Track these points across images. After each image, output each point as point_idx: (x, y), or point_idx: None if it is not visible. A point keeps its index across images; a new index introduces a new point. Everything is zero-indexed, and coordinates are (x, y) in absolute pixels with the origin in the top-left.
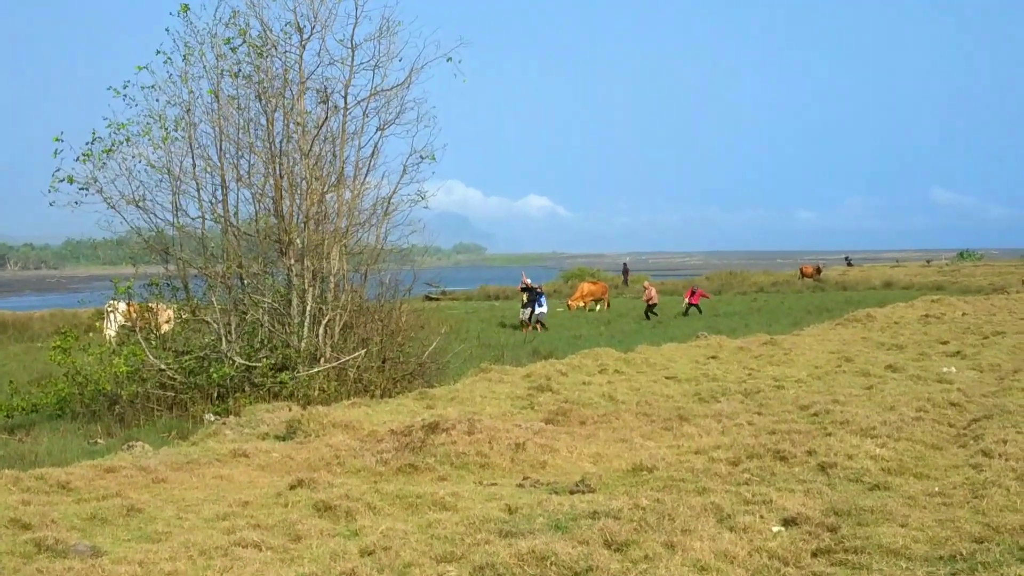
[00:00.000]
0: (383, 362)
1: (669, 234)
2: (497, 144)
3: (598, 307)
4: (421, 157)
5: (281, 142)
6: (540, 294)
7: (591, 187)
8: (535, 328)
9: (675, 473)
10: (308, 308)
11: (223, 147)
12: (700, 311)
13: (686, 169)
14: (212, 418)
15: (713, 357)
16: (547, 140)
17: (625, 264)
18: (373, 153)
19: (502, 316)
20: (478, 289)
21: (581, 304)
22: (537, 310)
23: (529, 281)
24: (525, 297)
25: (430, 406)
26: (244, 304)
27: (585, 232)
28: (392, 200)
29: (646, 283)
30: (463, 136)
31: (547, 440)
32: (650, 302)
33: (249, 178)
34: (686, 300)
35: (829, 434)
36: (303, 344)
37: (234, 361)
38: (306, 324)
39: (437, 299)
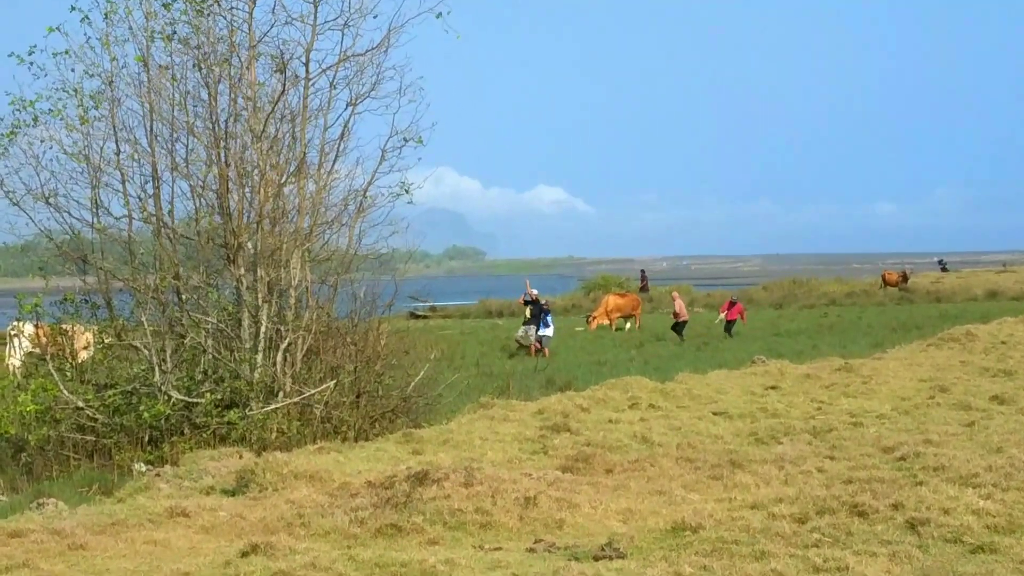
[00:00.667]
0: (357, 396)
1: (713, 234)
2: (499, 124)
3: (628, 325)
4: (404, 139)
5: (227, 121)
6: (546, 311)
7: (615, 176)
8: (540, 352)
9: (726, 533)
10: (263, 329)
11: (154, 128)
12: (730, 333)
13: (732, 155)
14: (143, 468)
15: (773, 387)
16: (561, 119)
17: (643, 271)
18: (343, 134)
19: (507, 337)
20: (477, 304)
21: (606, 322)
22: (542, 331)
23: (535, 292)
24: (528, 312)
25: (417, 451)
26: (182, 325)
27: (609, 232)
28: (368, 193)
29: (674, 294)
30: (457, 113)
31: (565, 493)
32: (679, 318)
33: (187, 167)
34: (722, 314)
35: (920, 483)
36: (256, 374)
37: (170, 397)
38: (260, 349)
39: (425, 316)
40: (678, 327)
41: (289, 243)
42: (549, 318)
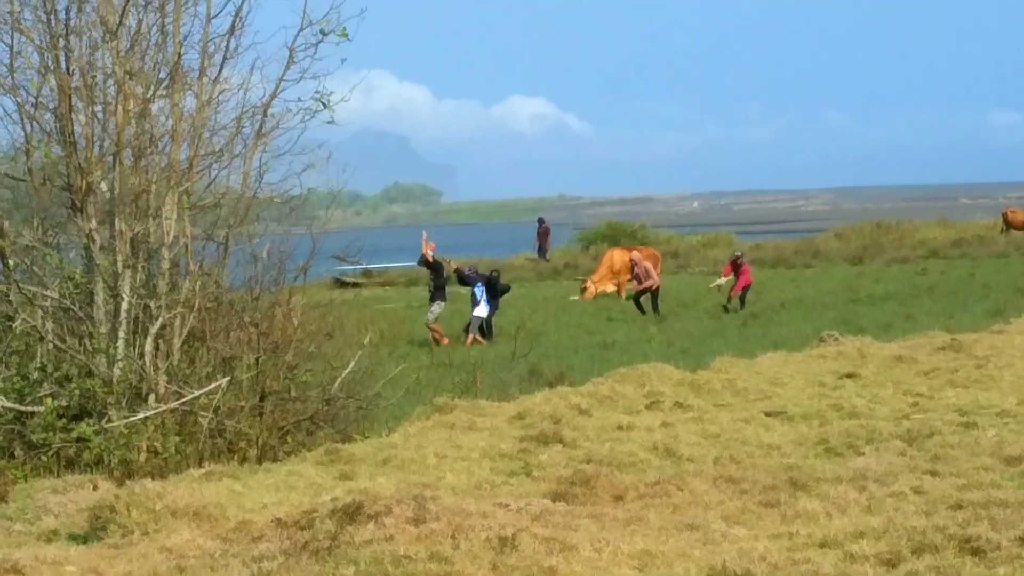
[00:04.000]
0: (261, 399)
1: (761, 160)
2: (455, 8)
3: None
4: (321, 32)
5: (68, 10)
6: (478, 279)
7: (620, 81)
8: (478, 338)
9: None
10: (124, 307)
11: None
12: (741, 304)
13: (782, 45)
14: None
15: (850, 375)
16: (548, 1)
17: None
18: (233, 27)
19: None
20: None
21: (611, 288)
22: (473, 310)
23: (432, 251)
24: (432, 281)
25: (346, 475)
26: (9, 303)
27: (614, 159)
28: (270, 111)
29: (633, 254)
30: None
31: (556, 530)
32: (643, 286)
33: (11, 77)
34: (721, 279)
35: None
36: (117, 371)
37: None
38: (121, 335)
39: (357, 284)
40: (641, 296)
41: (160, 183)
42: (482, 290)
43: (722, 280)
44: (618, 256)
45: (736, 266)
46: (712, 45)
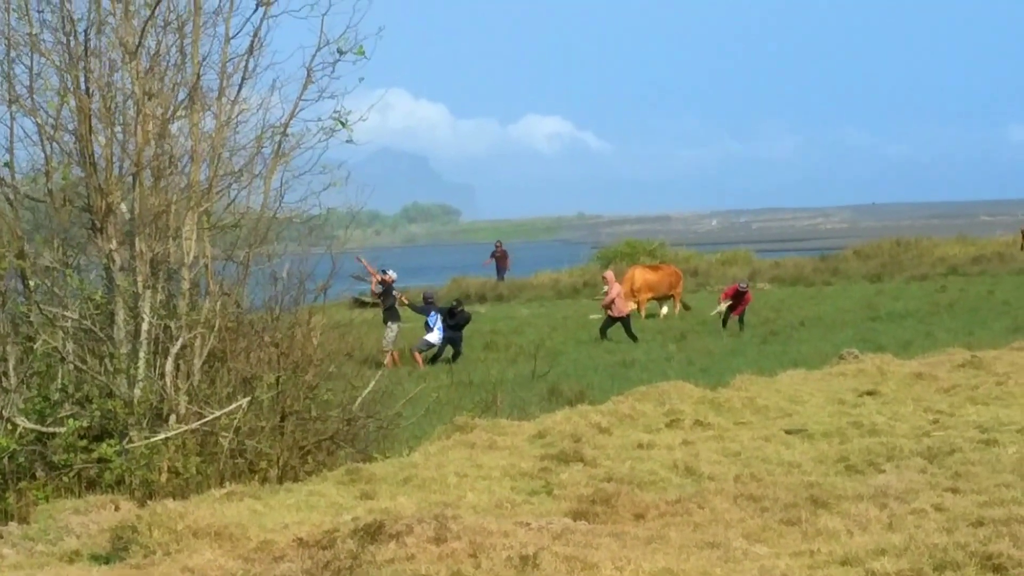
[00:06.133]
0: (282, 419)
1: (781, 177)
2: (471, 26)
3: (663, 310)
4: (339, 52)
5: (88, 32)
6: (431, 308)
7: (637, 99)
8: (416, 357)
9: None
10: (145, 327)
11: None
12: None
13: (802, 62)
14: None
15: (871, 393)
16: (559, 17)
17: (498, 245)
18: (252, 47)
19: (491, 331)
20: (448, 283)
21: (633, 306)
22: (426, 336)
23: (390, 275)
24: (382, 303)
25: (367, 494)
26: (30, 323)
27: (633, 177)
28: (289, 130)
29: (607, 274)
30: (411, 13)
31: (577, 549)
32: (613, 313)
33: (32, 99)
34: (721, 304)
35: None
36: (137, 391)
37: (15, 425)
38: (142, 356)
39: (376, 304)
40: (610, 323)
41: (180, 203)
42: (435, 318)
43: (722, 307)
44: (639, 274)
45: (739, 294)
46: (730, 63)
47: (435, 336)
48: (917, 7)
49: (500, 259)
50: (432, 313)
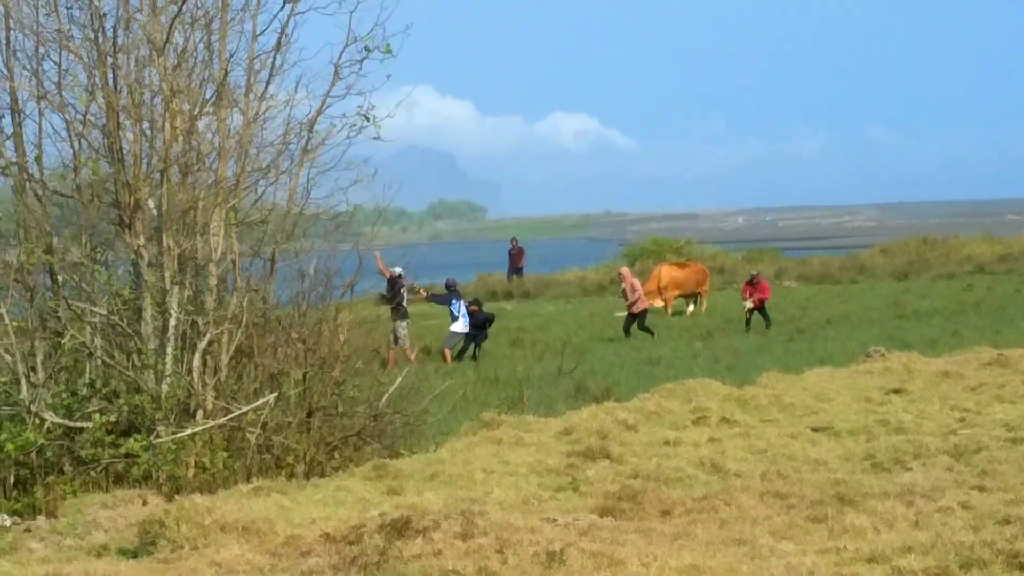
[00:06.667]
0: (308, 415)
1: (807, 175)
2: (497, 23)
3: (690, 307)
4: (366, 49)
5: (115, 28)
6: (453, 296)
7: (664, 96)
8: (446, 355)
9: None
10: (172, 323)
11: (12, 41)
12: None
13: (827, 61)
14: (6, 520)
15: (897, 391)
16: (588, 18)
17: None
18: (279, 44)
19: (517, 328)
20: (475, 280)
21: (658, 303)
22: (452, 325)
23: (395, 270)
24: (405, 298)
25: (394, 490)
26: (58, 319)
27: (659, 175)
28: (316, 127)
29: (623, 271)
30: (438, 10)
31: (604, 545)
32: (634, 308)
33: (60, 95)
34: (746, 300)
35: None
36: (165, 387)
37: (43, 420)
38: (169, 351)
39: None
40: (633, 320)
41: (207, 199)
42: (459, 304)
43: (749, 304)
44: (666, 272)
45: (753, 284)
46: (756, 61)
47: (460, 325)
48: (944, 6)
49: (515, 256)
50: (455, 301)
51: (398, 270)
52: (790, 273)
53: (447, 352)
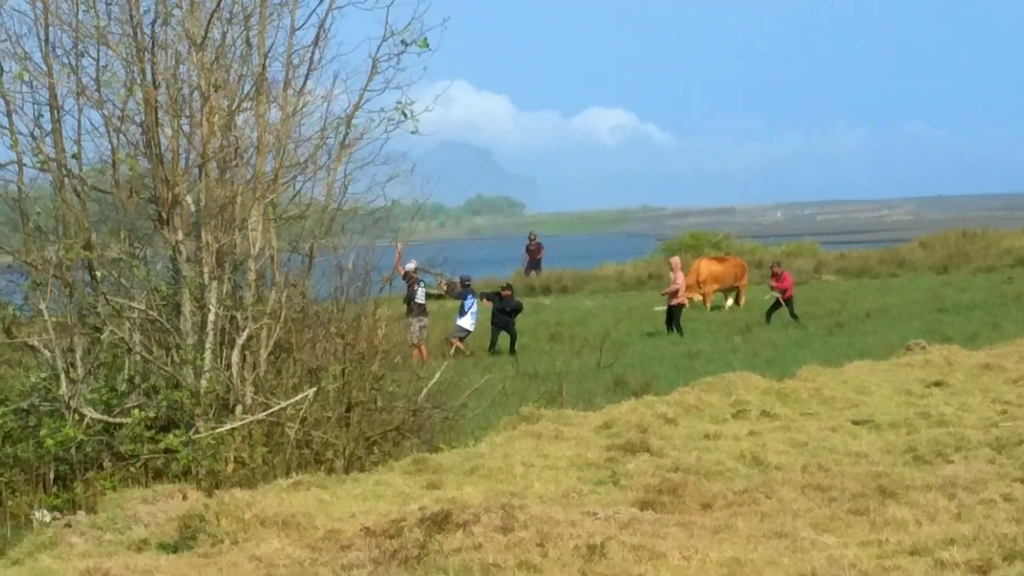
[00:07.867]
0: (347, 410)
1: (845, 170)
2: (536, 19)
3: (728, 302)
4: (403, 43)
5: (154, 24)
6: (467, 292)
7: (701, 92)
8: (458, 349)
9: None
10: (211, 318)
11: (51, 37)
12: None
13: (864, 56)
14: (46, 517)
15: (938, 384)
16: (624, 13)
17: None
18: (318, 39)
19: (556, 323)
20: (512, 275)
21: (697, 297)
22: (458, 320)
23: (413, 265)
24: (419, 294)
25: (434, 484)
26: (97, 315)
27: (697, 170)
28: (354, 121)
29: (673, 260)
30: (475, 4)
31: (645, 538)
32: (674, 301)
33: (99, 91)
34: (774, 292)
35: None
36: (204, 382)
37: (82, 416)
38: (208, 346)
39: (441, 296)
40: (672, 317)
41: (246, 195)
42: (471, 301)
43: (773, 295)
44: (705, 266)
45: (775, 275)
46: (793, 55)
47: (468, 321)
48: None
49: (534, 251)
50: (468, 296)
51: (411, 265)
52: (829, 267)
53: (455, 341)
